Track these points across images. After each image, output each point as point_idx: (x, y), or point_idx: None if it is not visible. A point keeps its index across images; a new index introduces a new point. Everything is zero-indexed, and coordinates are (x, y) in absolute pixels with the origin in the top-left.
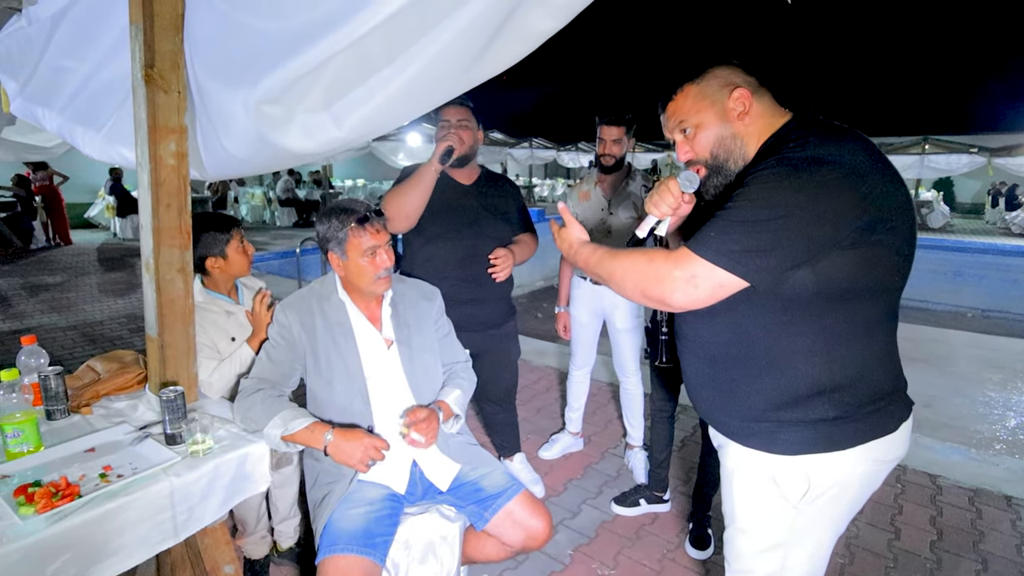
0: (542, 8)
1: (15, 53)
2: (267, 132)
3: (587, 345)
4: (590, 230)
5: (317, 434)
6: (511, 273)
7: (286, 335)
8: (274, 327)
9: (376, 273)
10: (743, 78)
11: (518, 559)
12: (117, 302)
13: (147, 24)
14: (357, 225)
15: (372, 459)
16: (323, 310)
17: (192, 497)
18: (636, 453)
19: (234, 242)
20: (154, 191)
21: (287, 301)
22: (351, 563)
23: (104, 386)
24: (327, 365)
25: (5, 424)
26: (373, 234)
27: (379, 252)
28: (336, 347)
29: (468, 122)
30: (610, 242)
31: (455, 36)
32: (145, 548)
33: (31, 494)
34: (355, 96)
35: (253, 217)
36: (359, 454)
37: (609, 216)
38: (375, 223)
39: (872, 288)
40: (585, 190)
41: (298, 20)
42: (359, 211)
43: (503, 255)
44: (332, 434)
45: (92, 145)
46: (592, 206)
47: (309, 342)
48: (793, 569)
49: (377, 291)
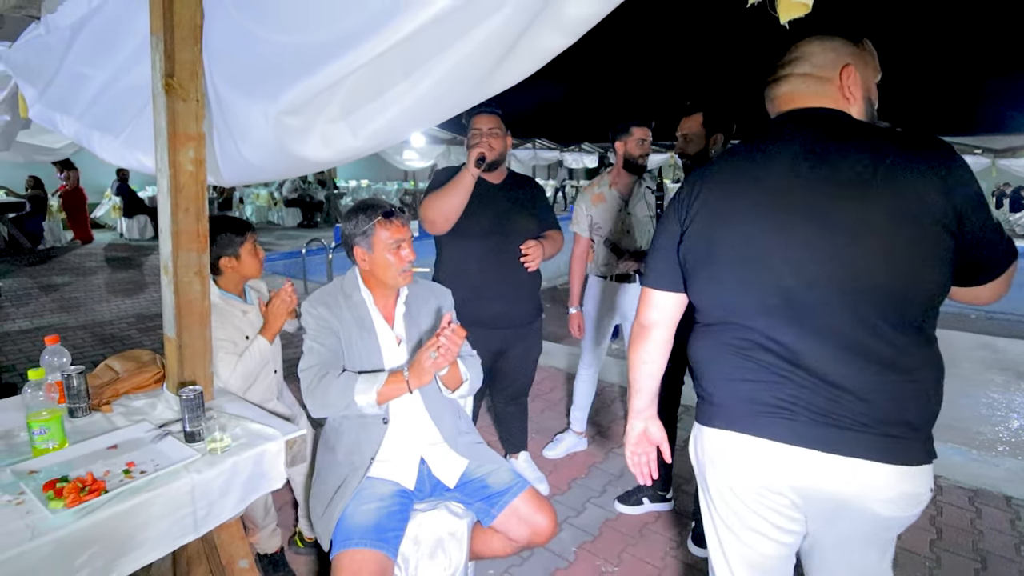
0: (553, 27)
1: (33, 60)
2: (286, 141)
3: (599, 344)
4: (609, 231)
5: (399, 378)
6: (540, 272)
7: (324, 324)
8: (310, 320)
9: (401, 266)
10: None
11: (523, 555)
12: (125, 302)
13: (167, 35)
14: (384, 219)
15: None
16: (349, 304)
17: (212, 493)
18: None
19: (248, 245)
20: (173, 196)
21: (315, 296)
22: (366, 557)
23: (123, 385)
24: (354, 355)
25: (32, 421)
26: (397, 229)
27: (403, 246)
28: (361, 339)
29: (498, 130)
30: (629, 240)
31: (469, 53)
32: (167, 542)
33: (59, 489)
34: (371, 108)
35: (258, 217)
36: (430, 359)
37: (628, 216)
38: (399, 218)
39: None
40: (598, 192)
41: (318, 37)
42: (385, 206)
43: (534, 245)
44: (406, 370)
45: (110, 150)
46: (609, 207)
47: (343, 331)
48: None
49: (401, 283)
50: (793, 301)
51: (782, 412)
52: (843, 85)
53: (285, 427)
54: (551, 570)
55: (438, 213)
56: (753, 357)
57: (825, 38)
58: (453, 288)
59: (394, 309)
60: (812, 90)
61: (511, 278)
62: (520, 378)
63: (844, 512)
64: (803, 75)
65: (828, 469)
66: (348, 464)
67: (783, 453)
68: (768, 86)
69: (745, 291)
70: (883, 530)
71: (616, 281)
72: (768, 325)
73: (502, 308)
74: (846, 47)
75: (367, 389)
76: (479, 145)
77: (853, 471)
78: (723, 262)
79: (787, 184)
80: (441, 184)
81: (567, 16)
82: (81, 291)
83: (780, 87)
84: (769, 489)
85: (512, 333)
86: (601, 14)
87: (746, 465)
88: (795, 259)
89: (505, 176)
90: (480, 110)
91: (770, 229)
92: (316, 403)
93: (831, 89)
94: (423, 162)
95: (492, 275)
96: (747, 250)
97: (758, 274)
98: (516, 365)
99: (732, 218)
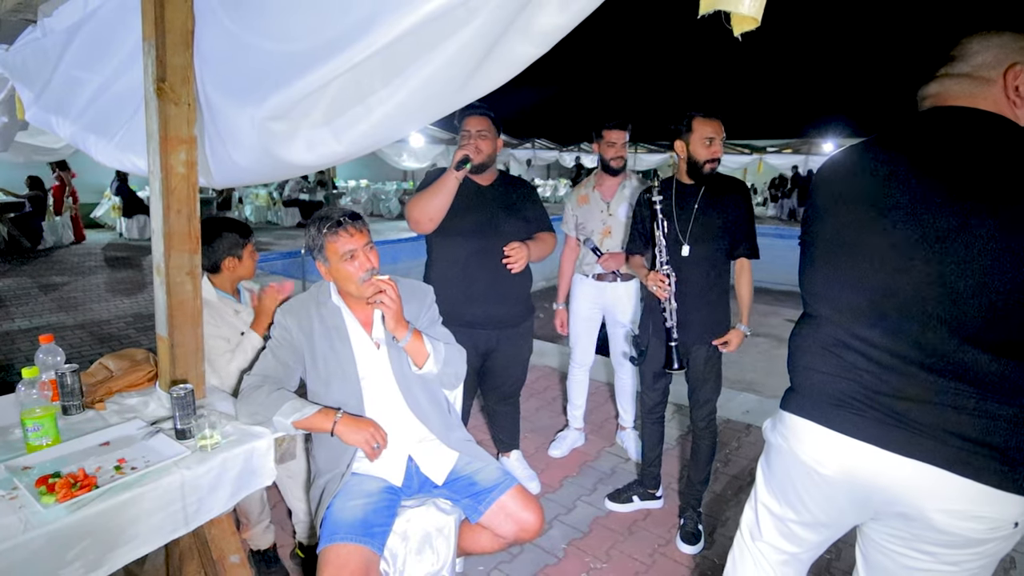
0: (525, 37)
1: (30, 63)
2: (272, 146)
3: (588, 341)
4: (591, 231)
5: (328, 416)
6: (530, 273)
7: (287, 337)
8: (276, 329)
9: (359, 276)
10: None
11: (513, 552)
12: (123, 301)
13: (159, 40)
14: (331, 230)
15: (376, 442)
16: (320, 314)
17: (201, 489)
18: (628, 433)
19: (249, 247)
20: (165, 198)
21: (287, 306)
22: (351, 551)
23: (117, 383)
24: (324, 366)
25: (26, 419)
26: (348, 238)
27: (358, 254)
28: (332, 350)
29: (487, 132)
30: (611, 242)
31: (445, 62)
32: (158, 537)
33: (52, 484)
34: (354, 113)
35: (257, 217)
36: (365, 434)
37: (609, 217)
38: (349, 227)
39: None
40: (583, 194)
41: (302, 44)
42: (333, 217)
43: (517, 247)
44: (341, 415)
45: (104, 153)
46: (591, 209)
47: (308, 344)
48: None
49: (366, 294)
50: (887, 302)
51: (854, 406)
52: (1007, 87)
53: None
54: (541, 566)
55: (422, 213)
56: (837, 353)
57: (988, 35)
58: (440, 288)
59: (372, 314)
60: (966, 91)
61: (498, 279)
62: (509, 379)
63: (901, 511)
64: (959, 76)
65: (890, 467)
66: (333, 462)
67: (848, 446)
68: (921, 87)
69: (840, 285)
70: (946, 546)
71: (596, 280)
72: (860, 323)
73: (488, 309)
74: (1015, 43)
75: (288, 413)
76: (465, 147)
77: (915, 472)
78: (824, 253)
79: (898, 186)
80: (429, 184)
81: (538, 27)
82: (80, 291)
83: (931, 87)
84: (824, 478)
85: (499, 334)
86: (570, 25)
87: (814, 450)
88: (894, 258)
89: (496, 178)
90: (471, 112)
91: (872, 226)
92: (242, 410)
93: (992, 91)
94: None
95: (478, 276)
96: (846, 244)
97: (852, 269)
98: (504, 366)
99: (837, 211)
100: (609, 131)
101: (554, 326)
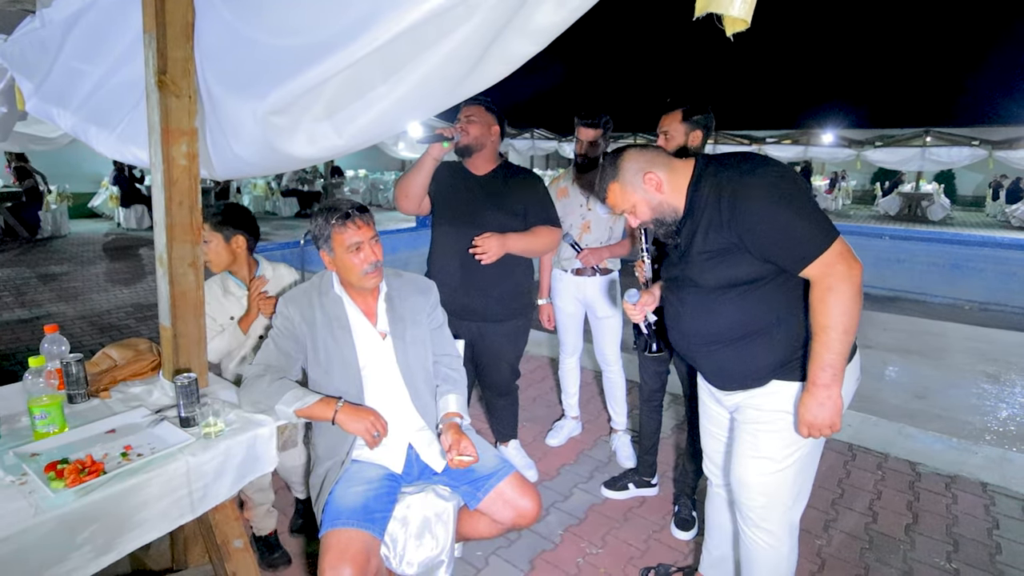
0: (522, 35)
1: (29, 54)
2: (274, 140)
3: (574, 333)
4: (570, 226)
5: (329, 405)
6: (527, 270)
7: (289, 327)
8: (278, 318)
9: (362, 268)
10: (649, 158)
11: (510, 537)
12: (123, 291)
13: (160, 32)
14: (339, 222)
15: (376, 430)
16: (322, 304)
17: (206, 476)
18: (620, 437)
19: (237, 238)
20: (167, 190)
21: (290, 295)
22: (352, 536)
23: (121, 372)
24: (325, 356)
25: (34, 407)
26: (355, 230)
27: (363, 247)
28: (334, 340)
29: (476, 117)
30: (590, 237)
31: (443, 59)
32: (166, 522)
33: (60, 470)
34: (354, 108)
35: (256, 207)
36: (366, 423)
37: (588, 212)
38: (357, 219)
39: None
40: (563, 186)
41: (302, 40)
42: (342, 208)
43: (486, 237)
44: (342, 404)
45: (106, 144)
46: (571, 203)
47: (310, 334)
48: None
49: (367, 285)
50: None
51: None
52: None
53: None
54: (538, 552)
55: (400, 190)
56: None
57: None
58: (433, 277)
59: (376, 305)
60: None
61: (481, 272)
62: (496, 374)
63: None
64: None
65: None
66: (334, 450)
67: None
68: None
69: None
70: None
71: (575, 275)
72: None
73: (470, 301)
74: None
75: (290, 401)
76: (451, 128)
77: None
78: None
79: None
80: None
81: (535, 24)
82: (79, 280)
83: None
84: None
85: (480, 327)
86: (567, 23)
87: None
88: None
89: (494, 168)
90: (469, 100)
91: None
92: (245, 398)
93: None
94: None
95: (463, 267)
96: None
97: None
98: (488, 363)
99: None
100: (579, 127)
101: (540, 319)
